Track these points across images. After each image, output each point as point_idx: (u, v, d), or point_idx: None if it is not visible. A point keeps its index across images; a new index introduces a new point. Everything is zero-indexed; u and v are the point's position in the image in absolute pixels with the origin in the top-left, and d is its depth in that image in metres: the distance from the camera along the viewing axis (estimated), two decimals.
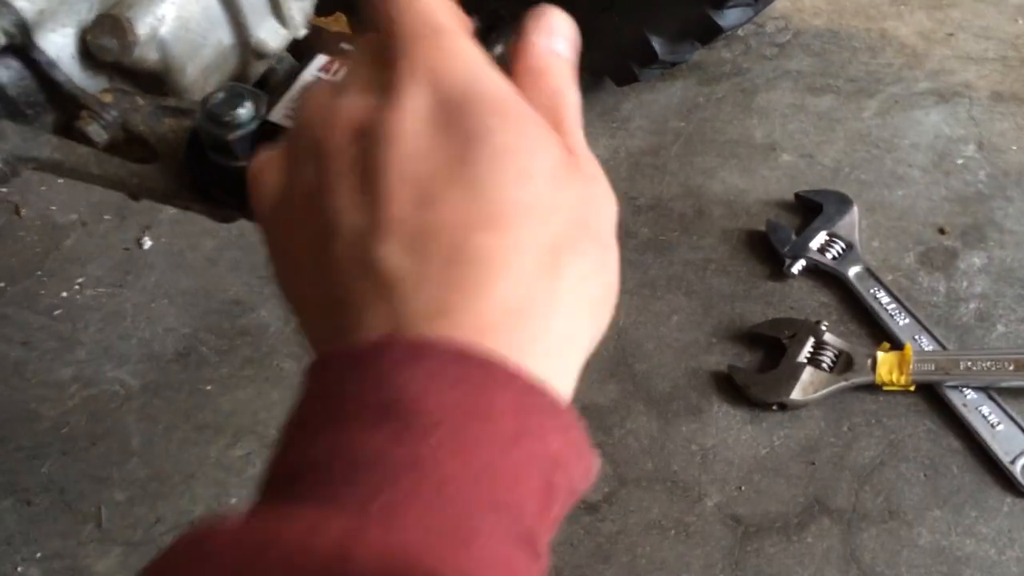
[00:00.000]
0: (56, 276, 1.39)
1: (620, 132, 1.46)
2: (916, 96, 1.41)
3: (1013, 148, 1.33)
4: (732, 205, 1.33)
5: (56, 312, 1.35)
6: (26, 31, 0.76)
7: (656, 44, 1.30)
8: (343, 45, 0.72)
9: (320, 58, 0.71)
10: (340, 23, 1.55)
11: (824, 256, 1.23)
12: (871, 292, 1.19)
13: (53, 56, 0.78)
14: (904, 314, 1.16)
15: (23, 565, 1.10)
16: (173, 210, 1.22)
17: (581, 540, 1.06)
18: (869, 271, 1.21)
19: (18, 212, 1.46)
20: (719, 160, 1.39)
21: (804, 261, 1.23)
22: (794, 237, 1.25)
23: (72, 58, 0.81)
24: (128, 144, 0.81)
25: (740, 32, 1.51)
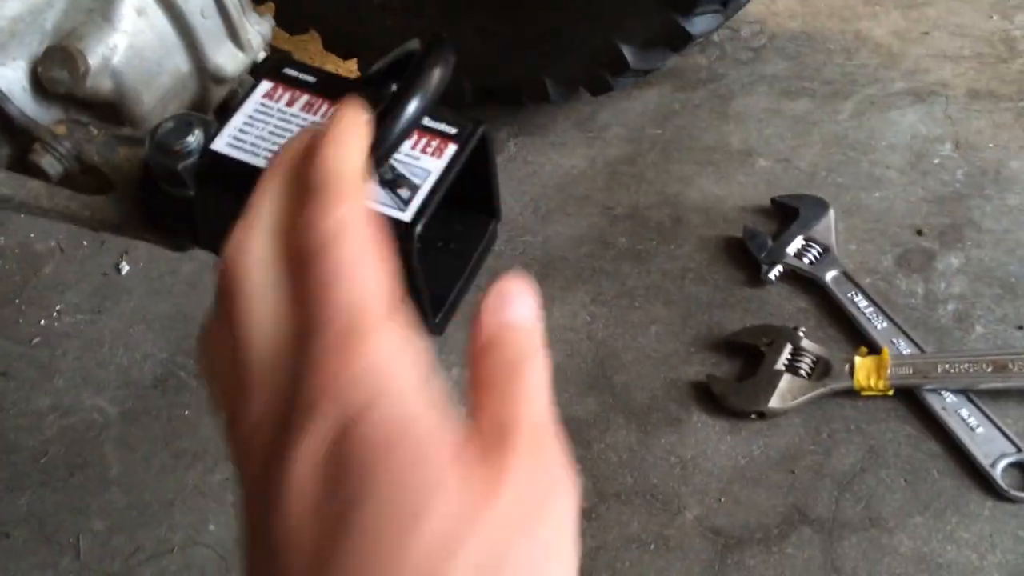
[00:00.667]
0: (35, 304, 1.39)
1: (597, 141, 1.46)
2: (892, 96, 1.40)
3: (990, 146, 1.32)
4: (709, 212, 1.33)
5: (35, 340, 1.34)
6: None
7: (627, 53, 1.29)
8: (287, 71, 0.71)
9: (264, 84, 0.70)
10: (315, 41, 1.54)
11: (801, 261, 1.22)
12: (848, 296, 1.18)
13: (5, 89, 0.78)
14: (882, 318, 1.15)
15: None
16: None
17: None
18: (846, 275, 1.20)
19: None
20: (696, 167, 1.39)
21: (781, 267, 1.23)
22: (771, 243, 1.24)
23: (24, 91, 0.80)
24: (84, 175, 0.80)
25: (715, 37, 1.51)
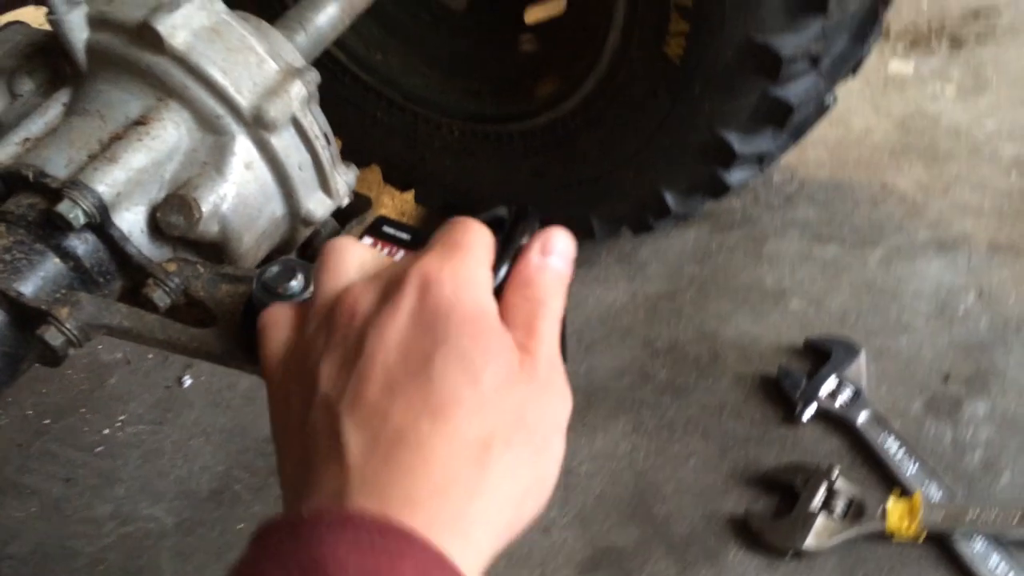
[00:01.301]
0: (99, 413, 1.46)
1: (638, 277, 1.54)
2: (917, 246, 1.49)
3: (1012, 298, 1.39)
4: (745, 350, 1.39)
5: (98, 449, 1.41)
6: (105, 212, 0.85)
7: (669, 199, 1.39)
8: (386, 228, 0.80)
9: (366, 240, 0.79)
10: (376, 173, 1.65)
11: (833, 402, 1.28)
12: (880, 439, 1.23)
13: (125, 231, 0.87)
14: (912, 462, 1.20)
15: None
16: None
17: None
18: (877, 417, 1.26)
19: None
20: (732, 305, 1.46)
21: (815, 406, 1.28)
22: (804, 383, 1.30)
23: (142, 232, 0.90)
24: (188, 308, 0.89)
25: (750, 183, 1.61)
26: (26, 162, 0.85)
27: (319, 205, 0.99)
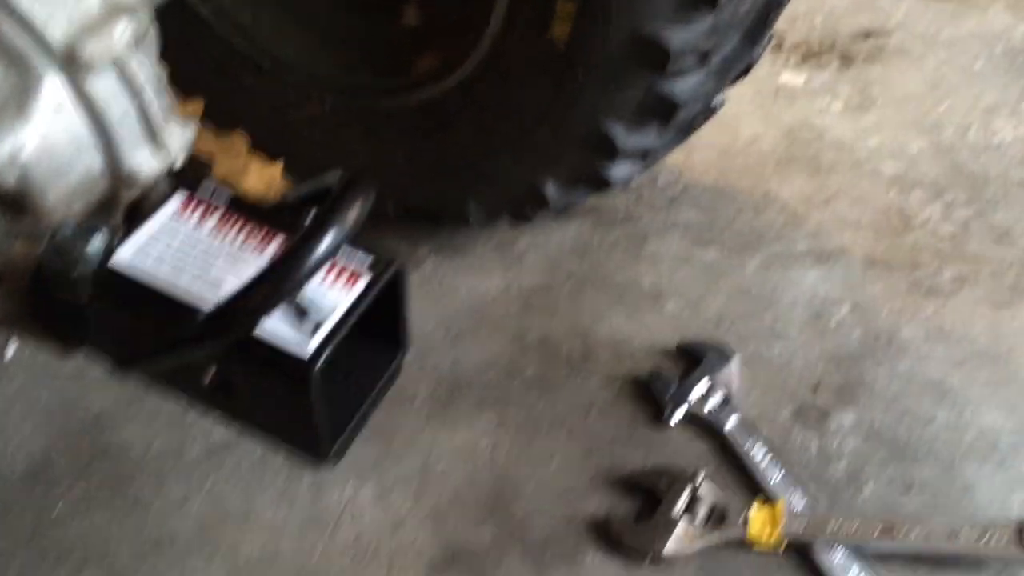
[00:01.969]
0: None
1: (514, 267, 1.48)
2: (795, 256, 1.47)
3: (884, 312, 1.39)
4: (618, 348, 1.35)
5: None
6: None
7: (549, 189, 1.33)
8: (205, 186, 0.71)
9: (178, 198, 0.69)
10: (239, 140, 1.54)
11: (703, 406, 1.25)
12: (747, 445, 1.20)
13: None
14: (778, 469, 1.17)
15: None
16: None
17: None
18: (745, 424, 1.23)
19: None
20: (608, 303, 1.42)
21: (684, 410, 1.25)
22: (675, 386, 1.26)
23: None
24: None
25: (634, 182, 1.57)
26: None
27: (146, 163, 0.88)
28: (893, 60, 1.82)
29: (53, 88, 0.79)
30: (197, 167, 0.97)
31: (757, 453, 1.20)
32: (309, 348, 0.61)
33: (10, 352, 1.34)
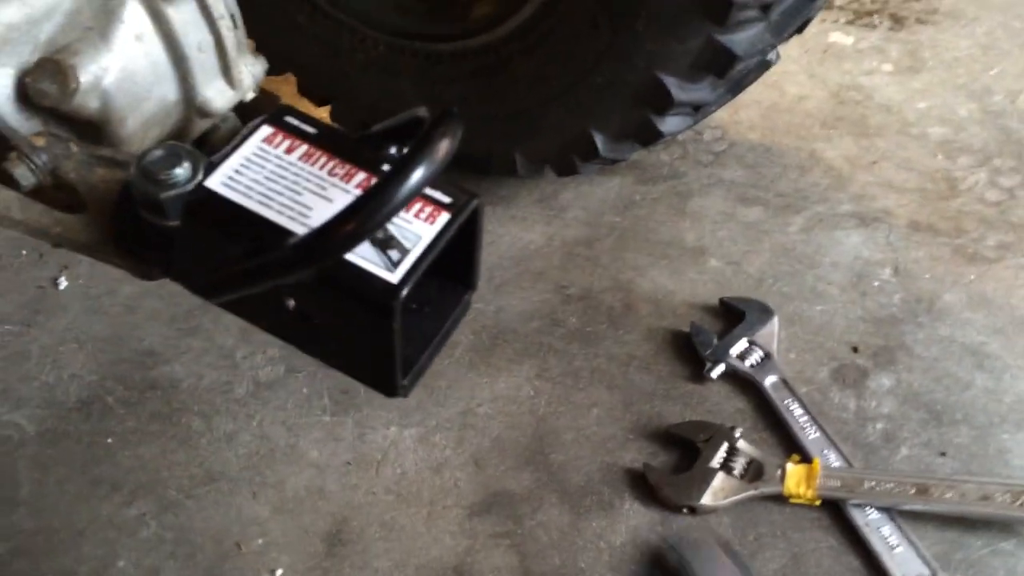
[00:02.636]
0: None
1: (556, 220, 1.49)
2: (839, 217, 1.47)
3: (926, 276, 1.39)
4: (659, 304, 1.36)
5: None
6: None
7: (598, 141, 1.33)
8: (289, 119, 0.71)
9: (264, 129, 0.71)
10: (290, 83, 1.55)
11: (743, 363, 1.26)
12: (785, 403, 1.22)
13: None
14: (814, 428, 1.19)
15: None
16: None
17: None
18: (784, 382, 1.24)
19: None
20: (650, 259, 1.42)
21: (724, 366, 1.26)
22: (716, 342, 1.28)
23: (8, 99, 0.79)
24: (55, 190, 0.79)
25: (679, 137, 1.57)
26: None
27: (219, 95, 0.90)
28: (945, 22, 1.80)
29: (135, 15, 0.80)
30: (266, 102, 0.98)
31: (795, 411, 1.21)
32: (394, 278, 0.62)
33: (63, 284, 1.37)
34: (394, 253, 0.64)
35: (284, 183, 0.66)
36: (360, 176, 0.67)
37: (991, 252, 1.42)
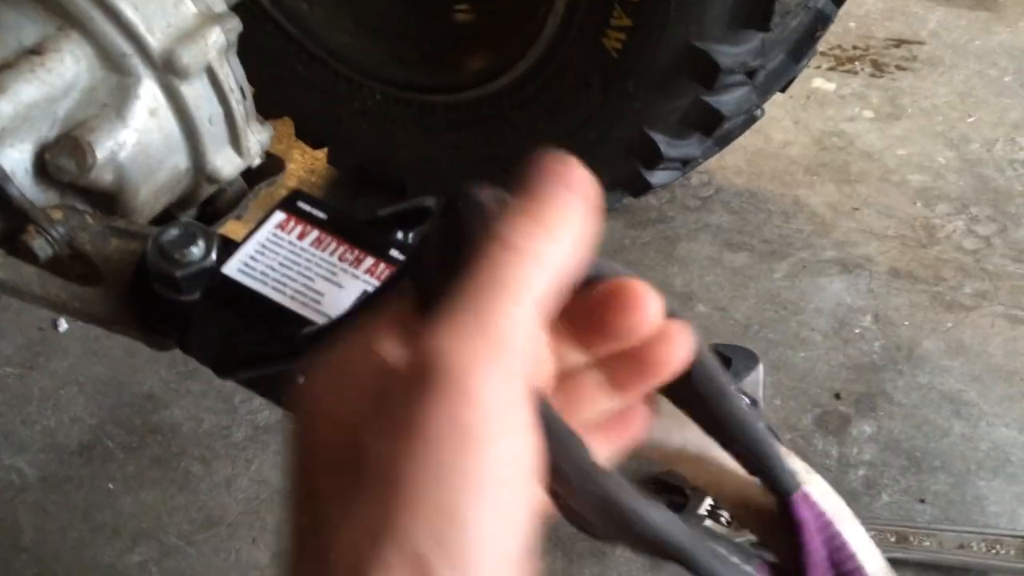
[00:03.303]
0: None
1: None
2: (822, 263, 1.52)
3: (906, 323, 1.43)
4: None
5: None
6: None
7: None
8: (301, 204, 0.75)
9: (277, 215, 0.74)
10: (288, 124, 1.58)
11: None
12: None
13: (8, 170, 0.79)
14: None
15: None
16: None
17: None
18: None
19: None
20: None
21: None
22: None
23: (26, 173, 0.82)
24: (71, 261, 0.82)
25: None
26: None
27: (227, 163, 0.93)
28: (923, 70, 1.85)
29: (150, 92, 0.83)
30: (271, 165, 1.01)
31: None
32: None
33: (63, 326, 1.39)
34: None
35: (297, 269, 0.70)
36: (368, 261, 0.71)
37: (968, 300, 1.47)
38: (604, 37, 1.18)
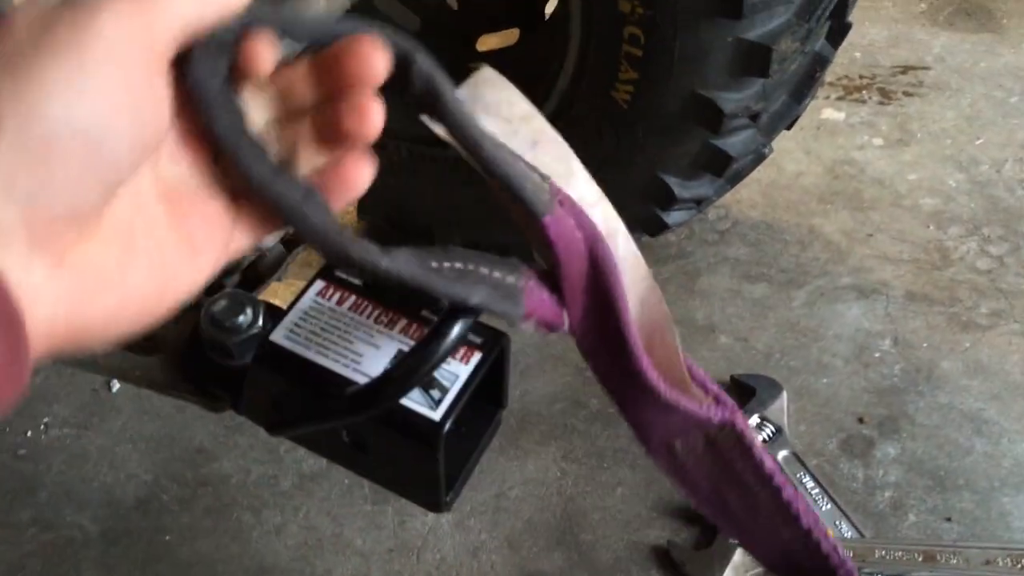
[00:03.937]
0: (22, 414, 1.43)
1: None
2: (839, 290, 1.56)
3: (924, 345, 1.47)
4: None
5: (20, 452, 1.38)
6: None
7: None
8: (338, 272, 0.81)
9: (318, 283, 0.81)
10: None
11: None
12: (797, 476, 1.30)
13: None
14: (826, 500, 1.27)
15: None
16: None
17: None
18: (796, 456, 1.32)
19: None
20: None
21: None
22: None
23: None
24: None
25: None
26: None
27: None
28: (931, 95, 1.90)
29: None
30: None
31: (807, 483, 1.29)
32: (436, 415, 0.72)
33: (115, 386, 1.46)
34: (435, 392, 0.73)
35: (337, 333, 0.76)
36: (403, 322, 0.77)
37: (984, 319, 1.50)
38: (613, 90, 1.24)
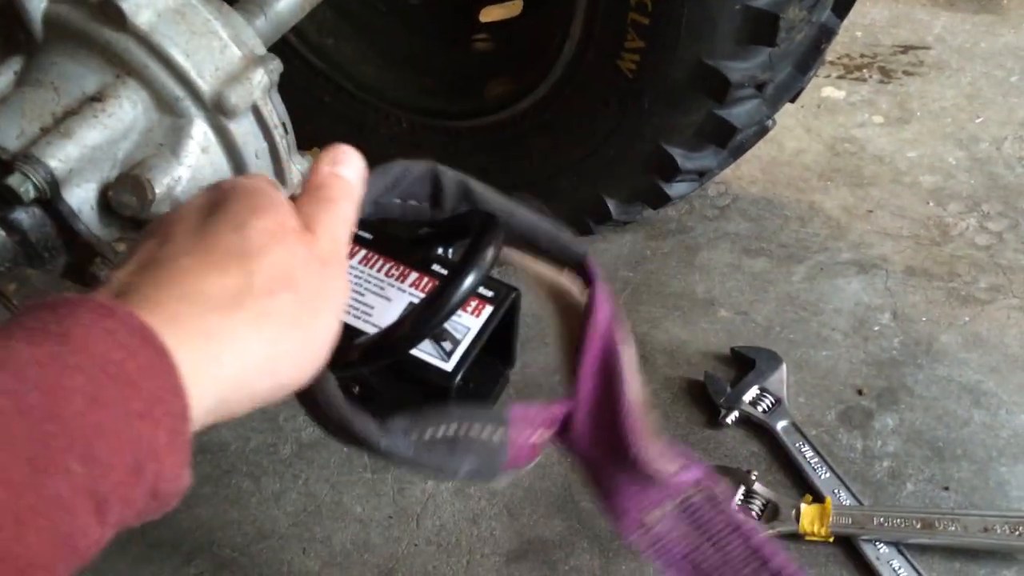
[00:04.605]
0: None
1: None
2: (839, 265, 1.56)
3: (923, 319, 1.47)
4: (674, 354, 1.45)
5: None
6: (56, 187, 0.84)
7: (611, 206, 1.43)
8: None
9: None
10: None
11: (755, 409, 1.34)
12: (796, 446, 1.30)
13: (75, 208, 0.86)
14: (825, 469, 1.27)
15: None
16: None
17: None
18: (795, 426, 1.33)
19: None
20: (663, 311, 1.51)
21: (737, 412, 1.34)
22: (729, 390, 1.36)
23: (92, 210, 0.89)
24: None
25: None
26: None
27: None
28: (931, 74, 1.90)
29: (202, 131, 0.90)
30: None
31: (806, 453, 1.29)
32: (448, 366, 0.72)
33: None
34: (447, 344, 0.73)
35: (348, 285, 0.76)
36: (413, 276, 0.77)
37: (983, 294, 1.51)
38: (619, 59, 1.24)
